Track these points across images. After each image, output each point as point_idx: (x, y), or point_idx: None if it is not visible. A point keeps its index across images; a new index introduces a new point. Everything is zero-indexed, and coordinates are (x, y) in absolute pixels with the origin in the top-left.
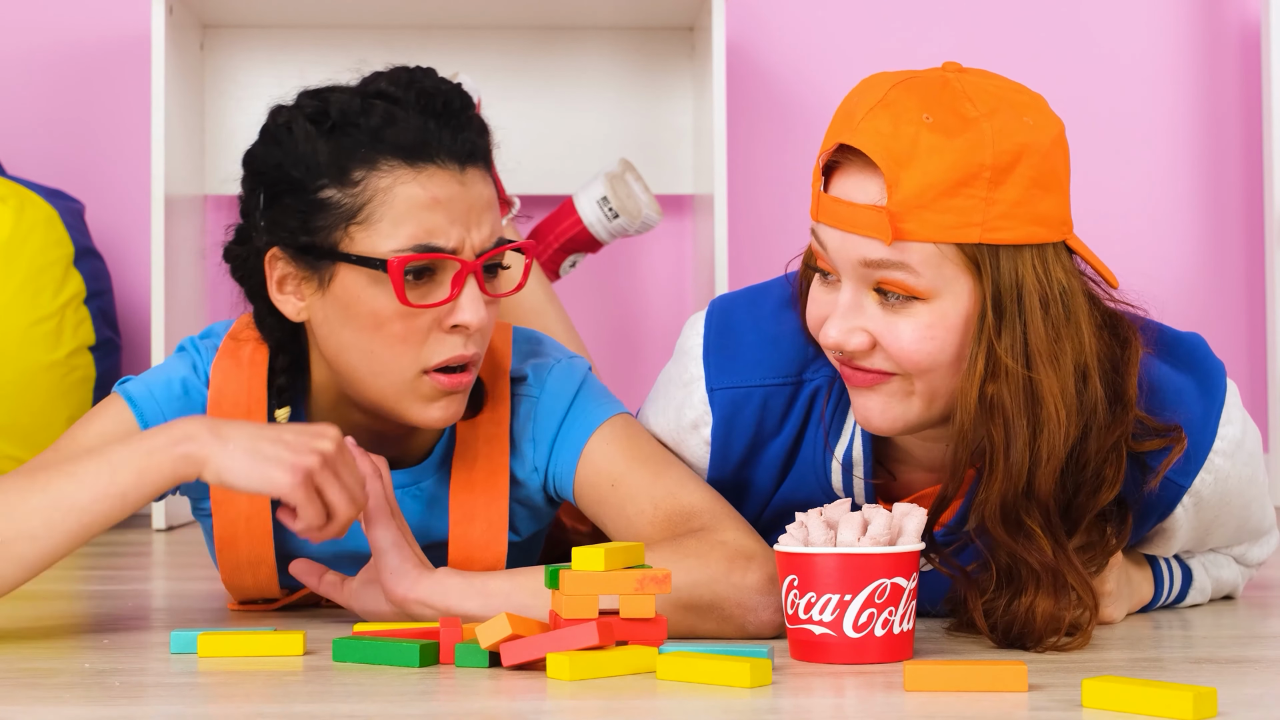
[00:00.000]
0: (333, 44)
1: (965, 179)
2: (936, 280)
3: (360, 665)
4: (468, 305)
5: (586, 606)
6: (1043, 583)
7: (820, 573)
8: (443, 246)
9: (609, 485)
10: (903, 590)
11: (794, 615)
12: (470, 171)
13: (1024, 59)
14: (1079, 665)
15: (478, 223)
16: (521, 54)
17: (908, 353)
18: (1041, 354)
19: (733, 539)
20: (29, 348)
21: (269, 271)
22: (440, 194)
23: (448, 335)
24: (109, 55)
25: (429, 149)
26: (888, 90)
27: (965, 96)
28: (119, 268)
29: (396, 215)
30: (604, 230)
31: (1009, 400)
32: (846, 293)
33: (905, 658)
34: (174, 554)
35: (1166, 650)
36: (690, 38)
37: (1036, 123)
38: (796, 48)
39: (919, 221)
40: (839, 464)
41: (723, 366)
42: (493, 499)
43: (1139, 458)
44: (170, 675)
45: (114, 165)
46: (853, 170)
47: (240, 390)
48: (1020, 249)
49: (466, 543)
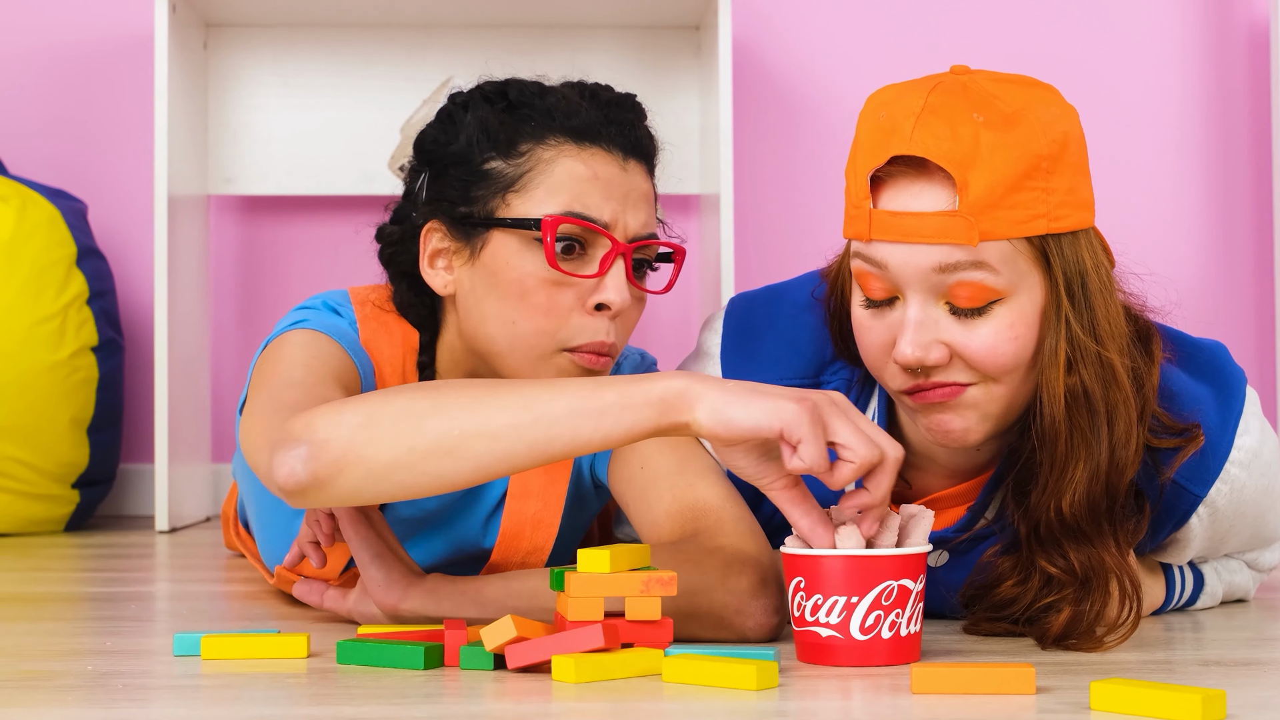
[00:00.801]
0: (337, 42)
1: (1028, 171)
2: (1013, 277)
3: (365, 668)
4: (613, 285)
5: (592, 608)
6: (1109, 582)
7: (827, 574)
8: (596, 219)
9: (639, 466)
10: (910, 592)
11: (800, 617)
12: (633, 163)
13: (1030, 58)
14: (1087, 667)
15: (635, 208)
16: (525, 53)
17: (995, 355)
18: (1109, 336)
19: (730, 544)
20: (31, 348)
21: (424, 245)
22: (601, 171)
23: (589, 317)
24: (112, 54)
25: (596, 132)
26: (927, 96)
27: (992, 95)
28: (122, 268)
29: (554, 184)
30: None
31: (1092, 385)
32: (915, 308)
33: (912, 660)
34: (177, 556)
35: (1176, 652)
36: (696, 37)
37: (1064, 110)
38: (804, 46)
39: (993, 220)
40: None
41: (741, 366)
42: (553, 479)
43: (1154, 453)
44: (173, 678)
45: (117, 165)
46: (904, 181)
47: (396, 358)
48: (1076, 235)
49: (519, 518)
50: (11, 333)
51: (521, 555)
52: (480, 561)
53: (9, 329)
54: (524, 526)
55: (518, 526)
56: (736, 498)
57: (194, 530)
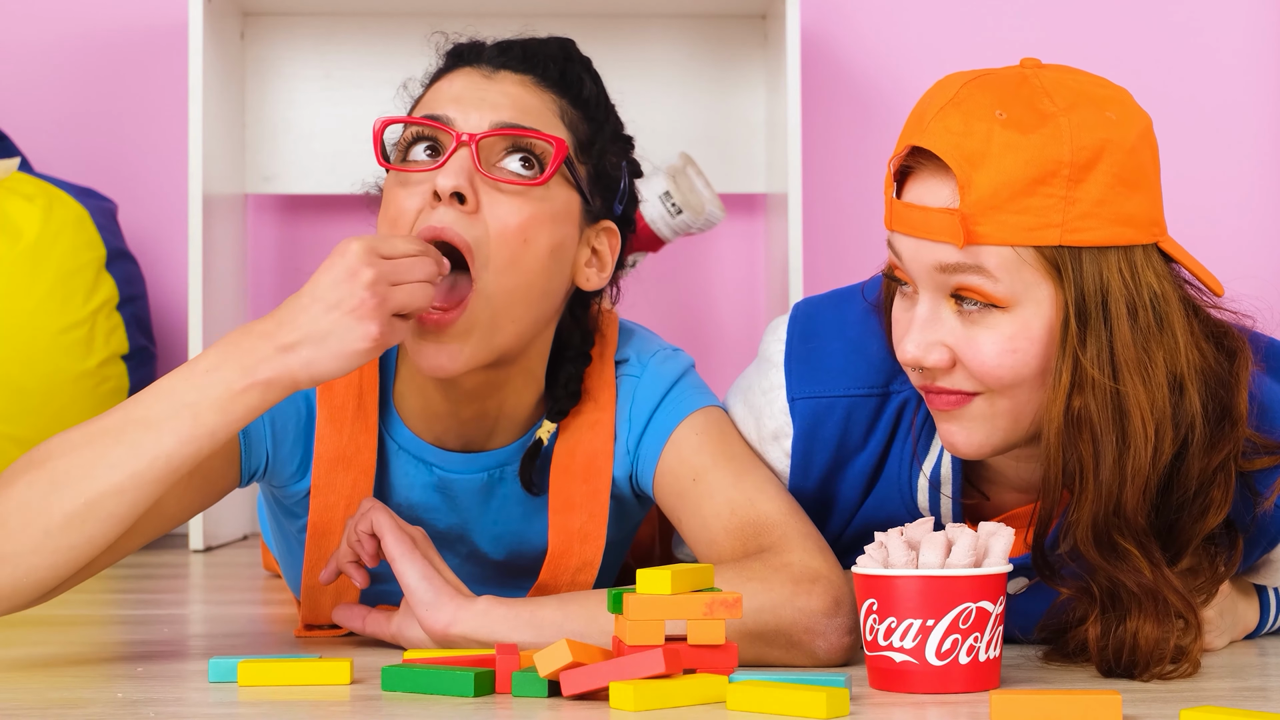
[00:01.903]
0: (380, 32)
1: (1043, 177)
2: (1016, 286)
3: (411, 695)
4: (446, 170)
5: (652, 632)
6: (1145, 606)
7: (901, 596)
8: (432, 115)
9: (690, 479)
10: (989, 615)
11: (873, 641)
12: (505, 74)
13: (1112, 53)
14: (1178, 695)
15: (487, 105)
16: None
17: (989, 367)
18: (1129, 364)
19: (798, 560)
20: (58, 357)
21: None
22: (458, 81)
23: (434, 210)
24: (144, 45)
25: (471, 56)
26: (959, 88)
27: (1043, 92)
28: (154, 271)
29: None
30: (667, 227)
31: (1096, 414)
32: (924, 304)
33: (992, 687)
34: (212, 576)
35: (1273, 679)
36: (763, 26)
37: (1120, 117)
38: (876, 37)
39: (994, 224)
40: (926, 481)
41: (805, 375)
42: (595, 490)
43: (1248, 478)
44: (208, 706)
45: (149, 162)
46: (925, 174)
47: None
48: (1105, 251)
49: (566, 535)
50: (37, 340)
51: (571, 572)
52: (495, 576)
53: (34, 336)
54: (571, 541)
55: (565, 542)
56: (800, 512)
57: (230, 549)
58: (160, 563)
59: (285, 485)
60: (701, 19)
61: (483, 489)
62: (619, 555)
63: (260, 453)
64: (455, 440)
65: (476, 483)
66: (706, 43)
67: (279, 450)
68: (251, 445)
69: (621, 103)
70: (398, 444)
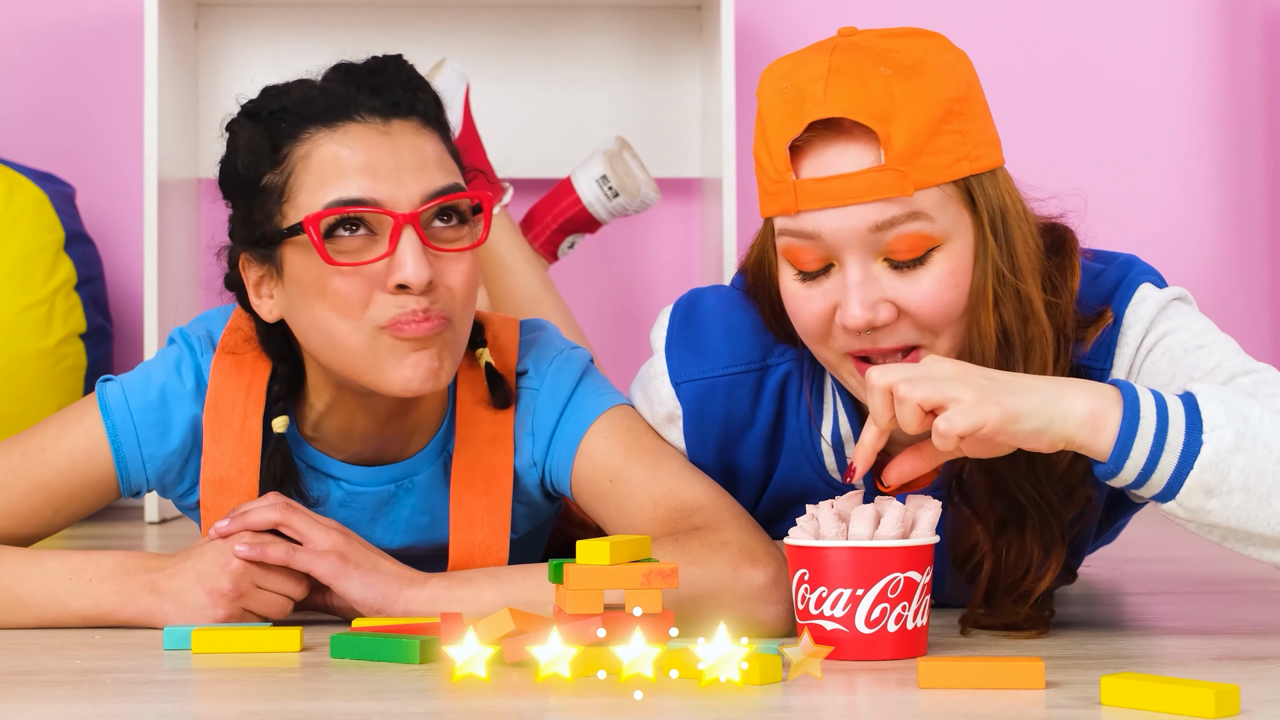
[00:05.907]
0: (330, 23)
1: (944, 116)
2: (947, 222)
3: (359, 662)
4: (406, 260)
5: (592, 601)
6: (1034, 520)
7: (832, 567)
8: (363, 198)
9: (607, 481)
10: (917, 585)
11: (805, 610)
12: (397, 123)
13: (1040, 44)
14: (1098, 662)
15: (414, 175)
16: (522, 32)
17: (942, 304)
18: (1029, 269)
19: (737, 538)
20: (18, 335)
21: (245, 279)
22: (358, 146)
23: (394, 297)
24: (100, 34)
25: (346, 107)
26: (830, 58)
27: (889, 49)
28: (111, 253)
29: (317, 179)
30: (603, 209)
31: (1013, 322)
32: (854, 270)
33: (919, 654)
34: (167, 547)
35: (1189, 646)
36: (698, 16)
37: (957, 54)
38: (807, 27)
39: (921, 168)
40: (828, 445)
41: (686, 359)
42: (495, 503)
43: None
44: (163, 673)
45: (106, 147)
46: (823, 146)
47: (239, 394)
48: (995, 173)
49: (468, 549)
50: None
51: None
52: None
53: None
54: (473, 555)
55: (467, 557)
56: (723, 492)
57: (184, 521)
58: (116, 534)
59: (179, 498)
60: (638, 9)
61: (388, 500)
62: (537, 544)
63: (139, 479)
64: (372, 456)
65: (383, 495)
66: (643, 32)
67: (164, 477)
68: (130, 474)
69: (560, 90)
70: (305, 463)
